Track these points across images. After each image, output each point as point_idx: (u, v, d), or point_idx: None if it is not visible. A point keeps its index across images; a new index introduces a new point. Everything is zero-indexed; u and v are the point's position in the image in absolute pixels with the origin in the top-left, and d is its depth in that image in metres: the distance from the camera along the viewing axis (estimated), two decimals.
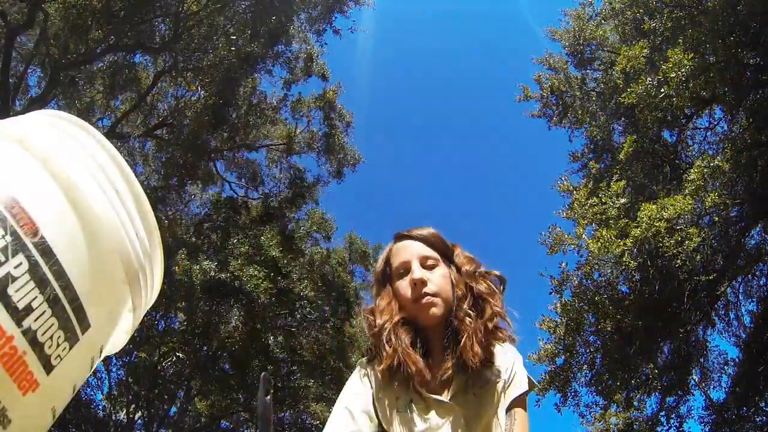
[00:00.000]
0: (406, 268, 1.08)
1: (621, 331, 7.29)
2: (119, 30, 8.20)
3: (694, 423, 8.83)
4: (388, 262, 1.13)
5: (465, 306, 1.04)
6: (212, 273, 9.64)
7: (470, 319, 1.02)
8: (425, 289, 1.04)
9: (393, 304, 1.07)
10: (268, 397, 0.87)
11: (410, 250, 1.09)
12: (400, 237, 1.15)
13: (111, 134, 9.39)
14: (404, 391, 1.01)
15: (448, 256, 1.12)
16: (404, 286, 1.07)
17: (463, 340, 1.00)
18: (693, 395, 8.95)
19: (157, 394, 11.33)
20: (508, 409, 1.01)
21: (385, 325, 1.03)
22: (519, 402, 1.03)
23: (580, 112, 10.35)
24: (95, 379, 11.21)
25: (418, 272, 1.05)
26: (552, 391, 7.85)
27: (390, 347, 1.01)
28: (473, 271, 1.09)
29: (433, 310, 1.04)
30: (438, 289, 1.05)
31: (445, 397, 1.01)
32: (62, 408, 0.51)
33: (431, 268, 1.08)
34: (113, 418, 11.15)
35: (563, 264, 7.73)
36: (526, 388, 1.04)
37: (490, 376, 1.02)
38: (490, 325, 1.03)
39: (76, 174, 0.50)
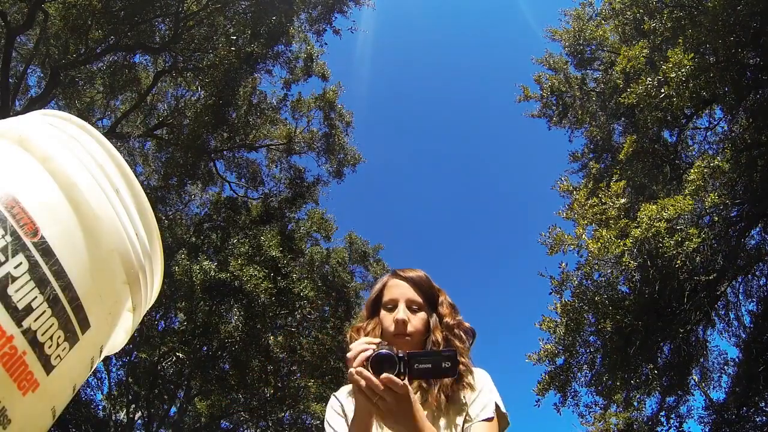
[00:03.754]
0: (393, 305, 1.23)
1: (621, 331, 7.27)
2: (119, 30, 8.20)
3: (694, 423, 8.83)
4: (381, 293, 1.28)
5: None
6: (212, 273, 9.63)
7: None
8: (406, 329, 1.19)
9: (377, 331, 1.23)
10: None
11: (401, 290, 1.24)
12: (395, 275, 1.30)
13: (111, 134, 9.38)
14: None
15: (432, 302, 1.26)
16: (389, 319, 1.22)
17: (434, 389, 1.13)
18: (693, 395, 8.96)
19: (157, 394, 11.32)
20: None
21: None
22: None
23: (580, 112, 10.35)
24: (95, 379, 11.22)
25: (402, 313, 1.20)
26: (552, 391, 7.85)
27: None
28: (454, 325, 1.23)
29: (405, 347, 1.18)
30: (415, 331, 1.20)
31: None
32: (62, 408, 0.51)
33: (415, 311, 1.23)
34: (113, 418, 11.15)
35: (563, 264, 7.74)
36: (490, 414, 1.11)
37: (464, 400, 1.14)
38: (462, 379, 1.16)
39: (76, 174, 0.50)
